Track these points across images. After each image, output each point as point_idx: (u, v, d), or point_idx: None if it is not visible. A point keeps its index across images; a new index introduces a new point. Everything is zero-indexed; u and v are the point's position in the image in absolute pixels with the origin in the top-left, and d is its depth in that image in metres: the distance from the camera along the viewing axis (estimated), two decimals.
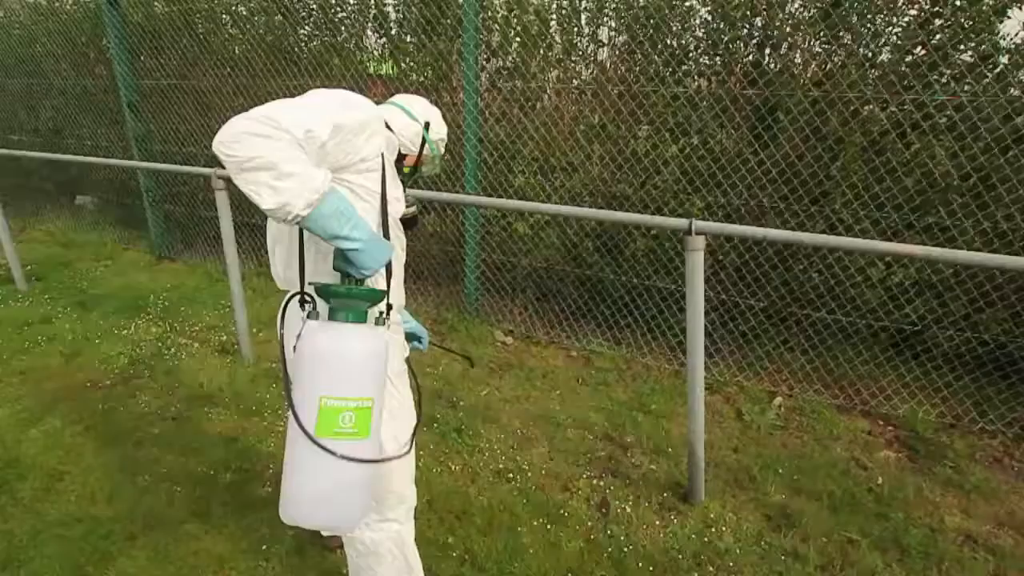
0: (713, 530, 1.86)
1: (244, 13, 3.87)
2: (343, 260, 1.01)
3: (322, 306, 1.08)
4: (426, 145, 1.31)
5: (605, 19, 2.93)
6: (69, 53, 4.71)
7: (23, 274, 3.82)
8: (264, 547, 1.74)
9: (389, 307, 1.16)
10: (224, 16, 3.95)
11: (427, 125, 1.30)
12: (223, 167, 0.96)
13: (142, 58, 4.17)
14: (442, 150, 1.39)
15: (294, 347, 1.04)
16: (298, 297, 1.09)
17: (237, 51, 3.89)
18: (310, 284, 1.08)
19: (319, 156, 0.95)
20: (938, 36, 2.34)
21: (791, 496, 2.02)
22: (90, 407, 2.46)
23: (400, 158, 1.29)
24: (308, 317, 1.05)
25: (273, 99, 1.00)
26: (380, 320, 1.11)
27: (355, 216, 0.98)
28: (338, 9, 3.55)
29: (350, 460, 0.99)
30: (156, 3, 4.07)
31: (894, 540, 1.83)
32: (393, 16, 3.41)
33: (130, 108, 4.23)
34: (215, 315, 3.44)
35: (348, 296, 1.03)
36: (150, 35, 4.05)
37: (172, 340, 3.11)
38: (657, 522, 1.89)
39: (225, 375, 2.75)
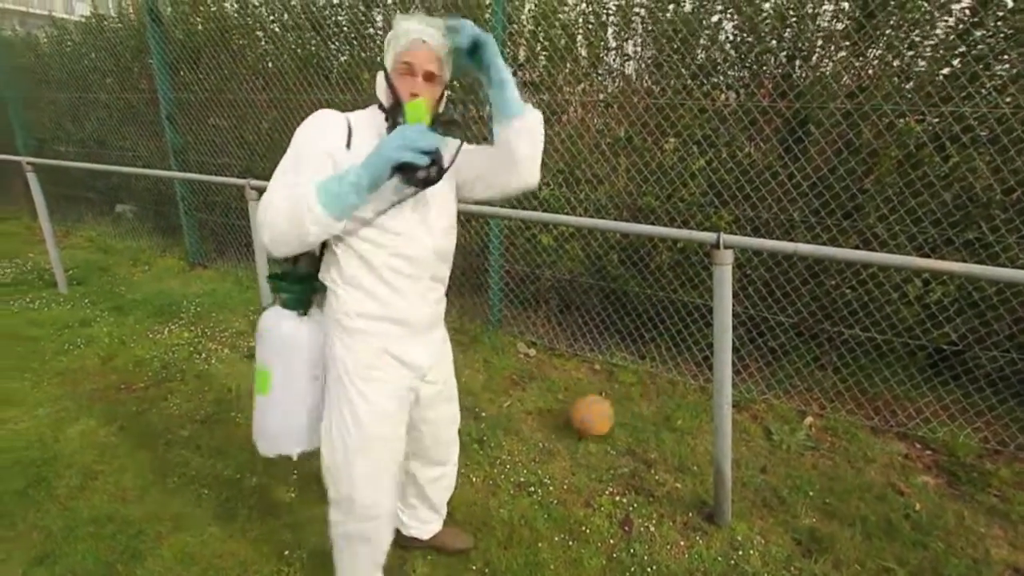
0: (740, 553, 1.80)
1: (278, 30, 4.01)
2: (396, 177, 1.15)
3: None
4: (386, 73, 1.19)
5: (632, 33, 2.93)
6: (114, 68, 4.94)
7: (65, 278, 3.98)
8: (286, 552, 1.75)
9: (311, 293, 1.37)
10: (259, 32, 4.10)
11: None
12: (256, 178, 1.18)
13: (181, 73, 4.34)
14: (411, 40, 1.16)
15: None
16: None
17: (271, 65, 4.02)
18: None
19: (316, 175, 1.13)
20: (979, 46, 2.27)
21: (822, 520, 1.95)
22: (124, 408, 2.54)
23: (394, 108, 1.18)
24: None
25: (305, 112, 1.17)
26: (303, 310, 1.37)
27: (343, 182, 1.09)
28: (367, 25, 3.65)
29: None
30: (196, 20, 4.24)
31: (934, 571, 1.74)
32: None
33: (169, 120, 4.40)
34: (244, 321, 3.52)
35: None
36: (190, 51, 4.22)
37: (203, 345, 3.19)
38: (682, 542, 1.85)
39: (252, 380, 2.80)
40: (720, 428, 1.79)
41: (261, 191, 2.69)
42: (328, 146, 1.16)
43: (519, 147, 1.24)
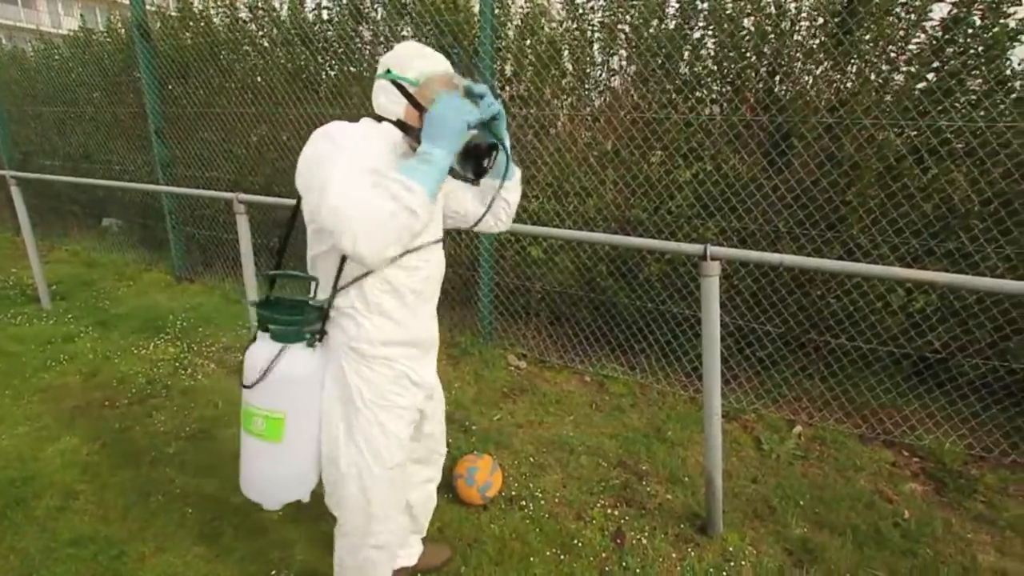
0: (732, 564, 1.80)
1: (267, 45, 4.02)
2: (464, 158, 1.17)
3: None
4: (404, 88, 1.14)
5: (617, 48, 2.98)
6: (101, 82, 4.92)
7: (48, 293, 3.92)
8: (273, 572, 1.72)
9: (322, 329, 1.22)
10: (247, 47, 4.11)
11: (387, 70, 1.17)
12: (244, 191, 1.10)
13: (169, 87, 4.34)
14: (432, 70, 1.16)
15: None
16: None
17: (260, 80, 4.03)
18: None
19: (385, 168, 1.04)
20: (951, 62, 2.35)
21: (813, 529, 1.96)
22: (107, 425, 2.49)
23: (407, 130, 1.16)
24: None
25: (293, 126, 1.10)
26: (311, 341, 1.21)
27: (426, 160, 1.03)
28: (356, 39, 3.68)
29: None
30: (185, 35, 4.25)
31: None
32: None
33: (157, 134, 4.38)
34: (231, 336, 3.48)
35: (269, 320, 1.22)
36: (178, 65, 4.22)
37: (189, 360, 3.15)
38: (674, 554, 1.84)
39: (239, 396, 2.76)
40: (710, 439, 1.79)
41: (249, 204, 2.68)
42: (380, 143, 1.13)
43: (511, 199, 1.42)
